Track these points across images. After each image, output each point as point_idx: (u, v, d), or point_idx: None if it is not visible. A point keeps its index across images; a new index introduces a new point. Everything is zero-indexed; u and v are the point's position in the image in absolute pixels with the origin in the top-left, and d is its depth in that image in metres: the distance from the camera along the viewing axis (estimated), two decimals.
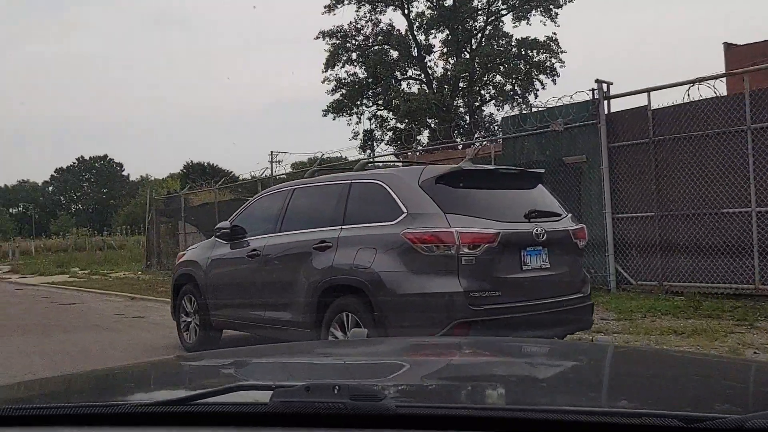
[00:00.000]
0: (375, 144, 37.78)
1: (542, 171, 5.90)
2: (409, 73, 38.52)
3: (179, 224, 21.71)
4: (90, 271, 24.15)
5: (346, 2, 36.27)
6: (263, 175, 18.78)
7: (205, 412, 1.16)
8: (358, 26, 37.25)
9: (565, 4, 34.73)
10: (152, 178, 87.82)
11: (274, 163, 29.22)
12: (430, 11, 37.05)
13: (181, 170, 62.81)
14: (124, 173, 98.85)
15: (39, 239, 51.61)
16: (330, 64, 37.32)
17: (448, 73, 37.34)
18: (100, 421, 1.19)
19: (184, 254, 7.64)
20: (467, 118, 37.67)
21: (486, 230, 4.84)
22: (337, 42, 37.13)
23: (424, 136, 36.97)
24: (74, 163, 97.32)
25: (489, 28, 37.28)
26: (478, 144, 15.69)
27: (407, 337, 4.16)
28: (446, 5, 36.45)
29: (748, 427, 0.99)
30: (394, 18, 56.96)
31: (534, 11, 35.37)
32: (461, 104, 38.70)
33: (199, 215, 20.23)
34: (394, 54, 37.73)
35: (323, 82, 37.99)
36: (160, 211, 22.73)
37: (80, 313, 11.77)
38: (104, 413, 1.21)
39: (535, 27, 70.59)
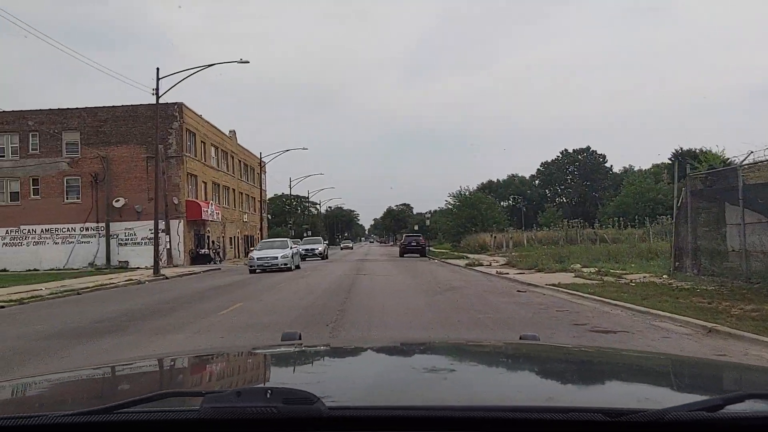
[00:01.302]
0: None
1: None
2: None
3: (726, 211, 15.14)
4: (597, 269, 19.36)
5: None
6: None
7: (131, 420, 1.12)
8: None
9: None
10: (636, 169, 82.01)
11: None
12: None
13: (669, 159, 56.30)
14: (607, 165, 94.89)
15: (528, 231, 50.83)
16: None
17: None
18: None
19: None
20: None
21: None
22: None
23: None
24: (558, 156, 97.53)
25: None
26: None
27: (342, 339, 3.81)
28: None
29: (666, 419, 1.04)
30: None
31: None
32: None
33: None
34: None
35: None
36: (696, 192, 16.36)
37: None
38: (25, 425, 1.16)
39: None
